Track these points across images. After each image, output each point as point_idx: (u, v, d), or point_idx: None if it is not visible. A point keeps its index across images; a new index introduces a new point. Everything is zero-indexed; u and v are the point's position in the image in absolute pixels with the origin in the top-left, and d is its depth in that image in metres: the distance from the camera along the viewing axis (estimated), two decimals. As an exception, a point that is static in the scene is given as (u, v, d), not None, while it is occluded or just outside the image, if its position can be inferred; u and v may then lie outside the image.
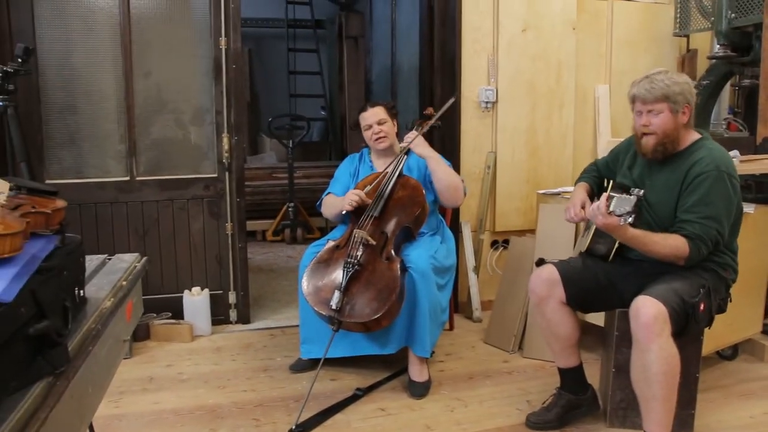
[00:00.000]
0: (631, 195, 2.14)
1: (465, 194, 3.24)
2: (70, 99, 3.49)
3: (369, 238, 2.96)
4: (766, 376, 3.13)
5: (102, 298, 1.57)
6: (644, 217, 2.42)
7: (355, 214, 3.08)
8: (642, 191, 2.17)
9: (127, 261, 1.92)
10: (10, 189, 1.40)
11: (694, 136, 2.45)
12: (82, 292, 1.49)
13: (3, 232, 1.17)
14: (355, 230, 3.00)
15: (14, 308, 1.10)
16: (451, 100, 3.28)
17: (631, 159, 2.59)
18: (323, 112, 8.97)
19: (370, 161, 3.37)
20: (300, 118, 6.71)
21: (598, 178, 2.76)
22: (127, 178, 3.59)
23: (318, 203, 3.37)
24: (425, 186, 3.15)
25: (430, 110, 3.42)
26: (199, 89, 3.67)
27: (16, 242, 1.21)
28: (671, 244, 2.29)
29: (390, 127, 3.26)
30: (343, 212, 3.09)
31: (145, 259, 2.00)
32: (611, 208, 2.16)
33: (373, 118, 3.23)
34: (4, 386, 1.05)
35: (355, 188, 3.15)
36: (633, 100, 2.43)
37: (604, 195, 2.29)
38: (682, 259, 2.29)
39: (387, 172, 3.13)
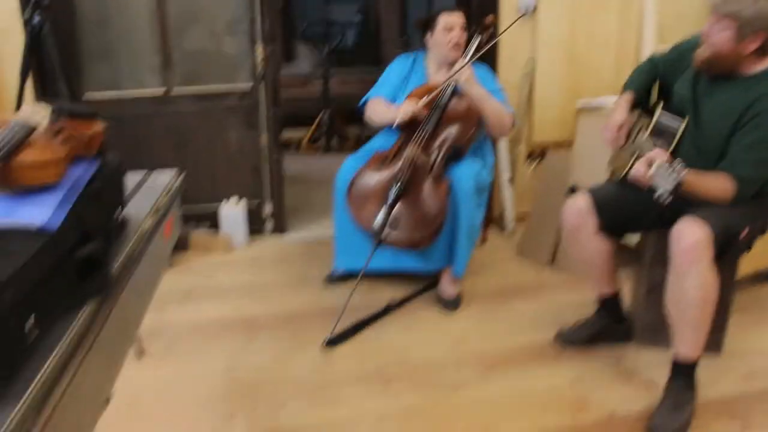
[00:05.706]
0: (673, 171, 1.97)
1: (514, 125, 3.14)
2: (104, 11, 3.45)
3: (420, 156, 2.90)
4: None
5: (142, 219, 1.60)
6: (688, 138, 2.33)
7: (406, 127, 2.97)
8: (685, 171, 1.99)
9: (165, 179, 1.95)
10: (51, 113, 1.42)
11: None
12: (122, 213, 1.53)
13: (50, 158, 1.20)
14: (406, 146, 2.94)
15: (61, 233, 1.13)
16: (520, 16, 3.05)
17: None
18: (359, 16, 8.73)
19: (425, 67, 3.20)
20: (334, 24, 6.57)
21: (651, 80, 2.58)
22: (164, 90, 3.59)
23: (360, 104, 3.21)
24: None
25: (490, 18, 3.15)
26: (231, -3, 3.59)
27: (61, 168, 1.24)
28: (718, 186, 2.18)
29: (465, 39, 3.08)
30: (395, 125, 2.97)
31: (183, 175, 2.03)
32: (651, 172, 2.02)
33: (460, 21, 3.04)
34: (55, 309, 1.10)
35: (408, 97, 3.02)
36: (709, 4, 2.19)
37: (644, 159, 2.11)
38: (727, 200, 2.19)
39: (444, 86, 2.98)
